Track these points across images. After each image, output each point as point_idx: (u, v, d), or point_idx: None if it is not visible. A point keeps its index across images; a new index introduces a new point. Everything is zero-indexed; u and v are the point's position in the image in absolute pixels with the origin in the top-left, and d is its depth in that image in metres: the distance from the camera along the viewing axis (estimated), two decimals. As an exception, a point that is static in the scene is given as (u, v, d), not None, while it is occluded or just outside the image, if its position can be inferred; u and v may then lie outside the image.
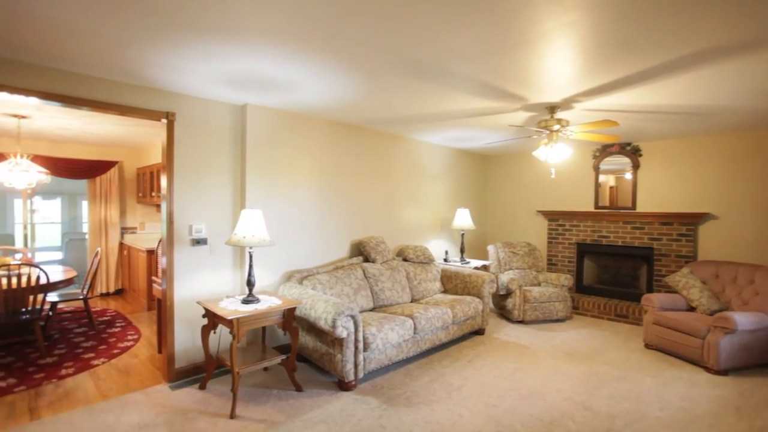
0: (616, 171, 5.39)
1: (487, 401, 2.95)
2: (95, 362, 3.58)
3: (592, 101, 3.24)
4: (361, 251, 4.44)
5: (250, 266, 3.06)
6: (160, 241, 3.58)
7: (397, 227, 5.03)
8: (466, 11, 1.83)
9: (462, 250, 5.55)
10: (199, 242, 3.35)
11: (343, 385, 3.11)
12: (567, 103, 3.31)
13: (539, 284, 5.30)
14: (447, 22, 1.93)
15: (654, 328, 4.00)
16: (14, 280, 3.60)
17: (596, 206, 5.51)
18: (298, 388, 3.08)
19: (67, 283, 4.10)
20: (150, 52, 2.37)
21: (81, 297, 4.45)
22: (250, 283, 3.06)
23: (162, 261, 3.25)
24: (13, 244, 7.98)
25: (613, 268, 5.55)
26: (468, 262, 5.40)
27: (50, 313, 4.28)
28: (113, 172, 6.28)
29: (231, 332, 2.72)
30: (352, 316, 3.03)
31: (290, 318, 3.04)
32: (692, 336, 3.64)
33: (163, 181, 3.20)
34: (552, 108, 3.38)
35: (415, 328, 3.55)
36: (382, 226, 4.83)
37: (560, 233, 5.82)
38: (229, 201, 3.54)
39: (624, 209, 5.24)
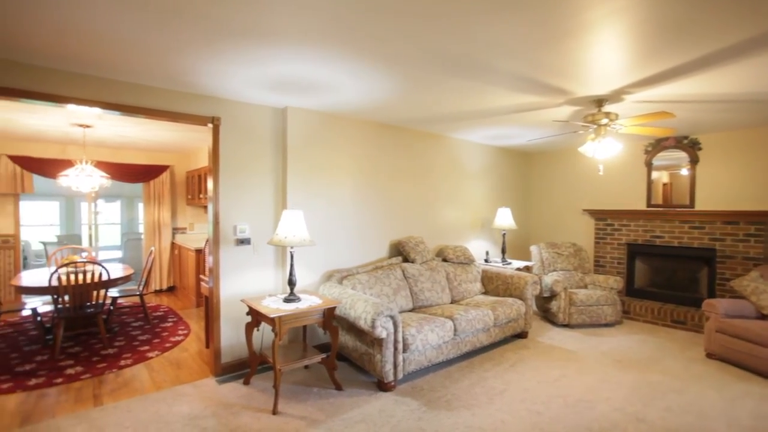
0: (670, 167, 5.04)
1: (532, 408, 2.84)
2: (150, 354, 3.80)
3: (645, 92, 3.04)
4: (400, 251, 4.43)
5: (291, 266, 3.13)
6: (207, 241, 3.74)
7: (436, 227, 4.97)
8: (507, 1, 1.77)
9: (503, 251, 5.40)
10: (243, 242, 3.47)
11: (383, 386, 3.11)
12: (616, 96, 3.12)
13: (586, 286, 5.06)
14: (487, 14, 1.88)
15: (717, 337, 3.69)
16: (80, 277, 3.89)
17: (648, 204, 5.18)
18: (338, 387, 3.12)
19: (125, 279, 4.38)
20: (197, 60, 2.48)
21: (137, 293, 4.75)
22: (291, 283, 3.13)
23: (209, 260, 3.39)
24: (80, 243, 8.65)
25: (667, 270, 5.19)
26: (509, 263, 5.25)
27: (111, 308, 4.60)
28: (165, 176, 6.65)
29: (273, 330, 2.80)
30: (392, 317, 3.03)
31: (330, 317, 3.08)
32: (764, 347, 3.32)
33: (210, 184, 3.35)
34: (599, 101, 3.21)
35: (455, 330, 3.49)
36: (422, 226, 4.79)
37: (608, 233, 5.52)
38: (271, 202, 3.64)
39: (680, 207, 4.89)
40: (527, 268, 5.26)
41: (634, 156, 5.31)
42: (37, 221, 8.67)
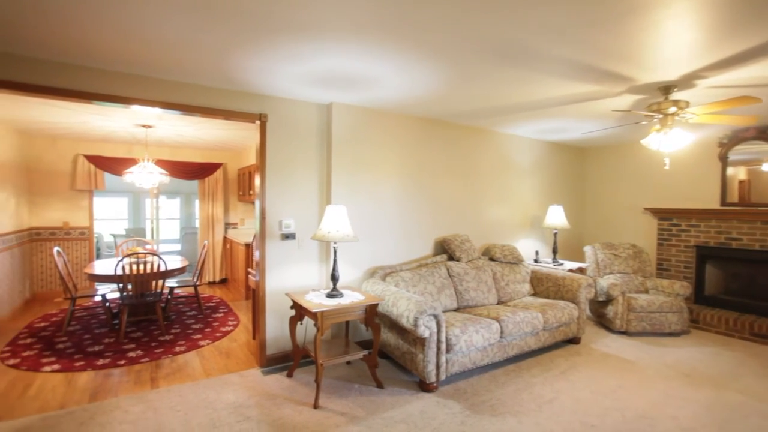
0: (749, 161, 4.52)
1: (584, 420, 2.65)
2: (202, 343, 3.98)
3: (722, 76, 2.72)
4: (445, 249, 4.32)
5: (335, 261, 3.14)
6: (254, 235, 3.86)
7: (483, 225, 4.80)
8: (563, -19, 1.63)
9: (554, 251, 5.12)
10: (288, 237, 3.53)
11: (424, 386, 3.03)
12: (687, 81, 2.83)
13: (646, 291, 4.67)
14: (540, -4, 1.75)
15: (806, 352, 3.25)
16: (141, 267, 4.15)
17: (723, 203, 4.68)
18: (379, 385, 3.08)
19: (180, 271, 4.63)
20: (245, 58, 2.54)
21: (192, 284, 5.01)
22: (334, 278, 3.14)
23: (255, 254, 3.49)
24: (144, 236, 9.32)
25: (746, 276, 4.67)
26: (561, 264, 4.96)
27: (169, 297, 4.88)
28: (219, 173, 6.97)
29: (315, 325, 2.82)
30: (435, 316, 2.94)
31: (372, 314, 3.05)
32: None
33: (257, 180, 3.43)
34: (667, 88, 2.92)
35: (501, 332, 3.34)
36: (467, 223, 4.65)
37: (674, 234, 5.06)
38: (315, 197, 3.68)
39: (764, 206, 4.36)
40: (580, 270, 4.95)
41: (705, 149, 4.83)
42: (109, 215, 9.43)
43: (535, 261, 5.12)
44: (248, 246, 5.57)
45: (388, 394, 2.97)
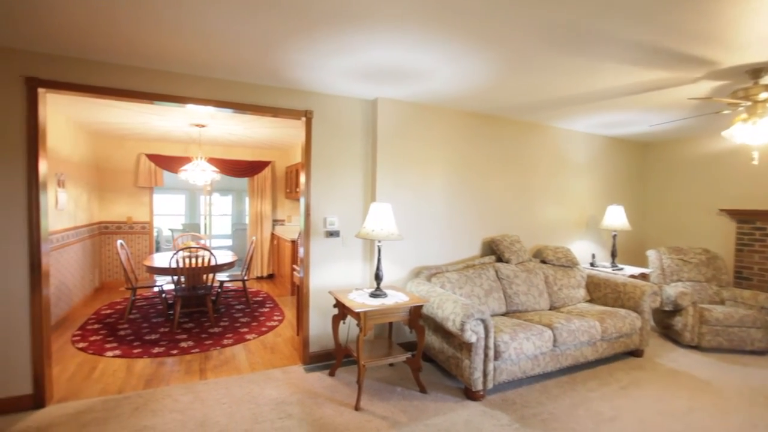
0: None
1: (651, 442, 2.39)
2: (248, 337, 4.07)
3: (828, 57, 2.34)
4: (493, 250, 4.12)
5: (378, 260, 3.07)
6: (300, 232, 3.88)
7: (534, 225, 4.54)
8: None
9: (613, 254, 4.74)
10: (332, 234, 3.51)
11: (470, 394, 2.89)
12: (782, 64, 2.46)
13: (722, 302, 4.19)
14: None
15: None
16: (192, 261, 4.32)
17: (820, 204, 4.09)
18: (422, 390, 2.98)
19: (229, 266, 4.77)
20: (291, 51, 2.51)
21: (241, 279, 5.16)
22: (378, 277, 3.07)
23: (300, 251, 3.50)
24: (199, 231, 9.81)
25: None
26: (621, 269, 4.58)
27: (219, 290, 5.06)
28: (267, 171, 7.16)
29: (358, 325, 2.76)
30: (483, 320, 2.79)
31: (416, 316, 2.95)
32: None
33: (302, 177, 3.44)
34: (756, 71, 2.56)
35: (554, 340, 3.11)
36: (517, 223, 4.41)
37: (757, 239, 4.50)
38: (360, 194, 3.63)
39: None
40: (643, 276, 4.54)
41: (798, 143, 4.24)
42: (167, 211, 10.02)
43: (592, 265, 4.77)
44: (294, 242, 5.65)
45: (431, 400, 2.86)
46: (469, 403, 2.83)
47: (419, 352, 3.00)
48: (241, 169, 6.92)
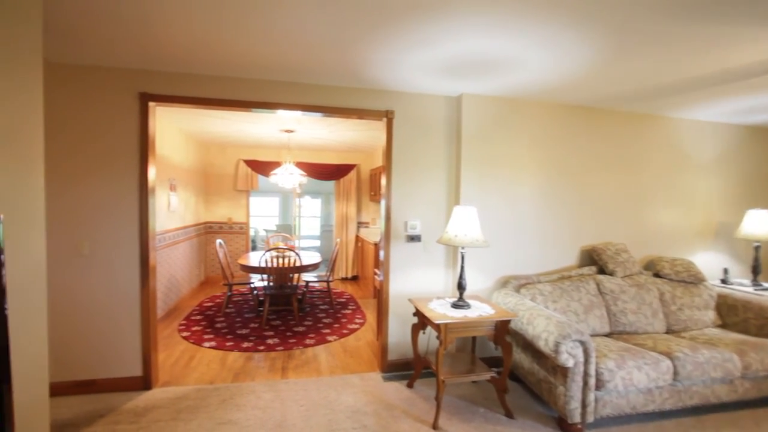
0: None
1: None
2: (329, 338, 4.11)
3: None
4: (594, 260, 3.63)
5: (462, 268, 2.85)
6: (381, 236, 3.82)
7: (644, 232, 3.91)
8: None
9: (755, 270, 3.87)
10: (413, 238, 3.38)
11: (565, 426, 2.52)
12: None
13: None
14: None
15: None
16: (280, 261, 4.51)
17: None
18: (509, 414, 2.68)
19: (314, 266, 4.90)
20: (370, 50, 2.43)
21: (325, 279, 5.28)
22: (461, 287, 2.85)
23: (381, 254, 3.42)
24: (290, 232, 10.43)
25: None
26: (766, 288, 3.72)
27: (304, 290, 5.24)
28: (353, 174, 7.30)
29: (438, 337, 2.57)
30: (582, 342, 2.42)
31: (503, 331, 2.67)
32: None
33: (383, 179, 3.36)
34: None
35: (675, 373, 2.59)
36: (623, 230, 3.83)
37: None
38: (443, 198, 3.44)
39: None
40: (800, 299, 3.63)
41: None
42: (263, 213, 10.81)
43: (723, 282, 3.95)
44: (376, 245, 5.64)
45: (518, 427, 2.55)
46: (564, 436, 2.47)
47: (505, 371, 2.71)
48: (327, 172, 7.14)
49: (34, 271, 1.59)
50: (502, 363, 2.73)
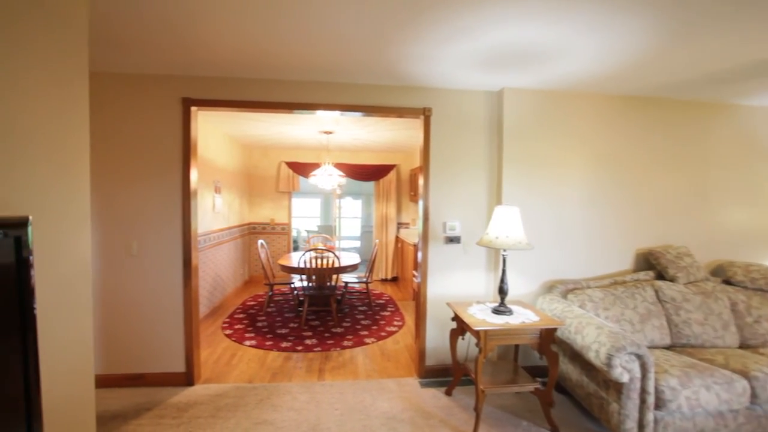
0: None
1: None
2: (367, 341, 4.07)
3: None
4: (651, 264, 3.33)
5: (503, 271, 2.69)
6: (419, 237, 3.72)
7: (711, 234, 3.52)
8: None
9: None
10: (452, 240, 3.25)
11: (620, 446, 2.30)
12: None
13: None
14: None
15: None
16: (318, 262, 4.53)
17: None
18: (554, 429, 2.49)
19: (353, 268, 4.87)
20: (405, 44, 2.35)
21: (365, 281, 5.25)
22: (502, 291, 2.70)
23: (418, 256, 3.32)
24: (331, 233, 10.56)
25: None
26: None
27: (343, 291, 5.24)
28: (392, 174, 7.24)
29: (478, 345, 2.44)
30: (639, 356, 2.19)
31: (549, 340, 2.49)
32: None
33: (420, 179, 3.26)
34: None
35: (753, 395, 2.29)
36: (685, 231, 3.47)
37: None
38: (483, 198, 3.29)
39: None
40: None
41: None
42: (305, 214, 11.02)
43: (809, 291, 3.48)
44: (416, 246, 5.54)
45: (566, 445, 2.37)
46: (618, 457, 2.25)
47: (551, 383, 2.52)
48: (366, 173, 7.13)
49: (80, 269, 1.65)
50: (548, 373, 2.55)
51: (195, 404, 2.75)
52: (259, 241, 5.07)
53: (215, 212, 5.11)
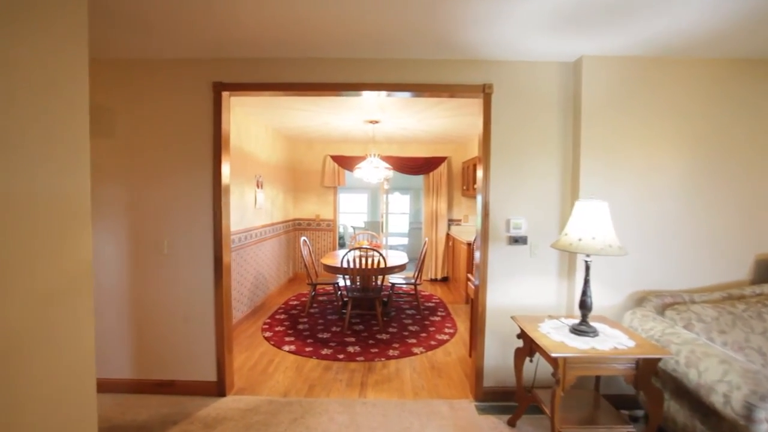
0: None
1: None
2: (415, 350, 3.65)
3: None
4: (778, 275, 2.61)
5: (586, 282, 2.16)
6: (476, 235, 3.24)
7: None
8: None
9: None
10: (517, 240, 2.75)
11: None
12: None
13: None
14: None
15: None
16: (363, 261, 4.17)
17: None
18: (659, 489, 1.94)
19: (400, 268, 4.47)
20: (455, 5, 1.89)
21: (413, 282, 4.83)
22: (584, 306, 2.16)
23: (476, 257, 2.85)
24: (378, 229, 10.24)
25: None
26: None
27: (390, 293, 4.85)
28: (443, 167, 6.73)
29: (555, 375, 1.94)
30: (788, 406, 1.59)
31: (649, 372, 1.93)
32: None
33: (479, 171, 2.78)
34: None
35: None
36: (824, 234, 2.71)
37: None
38: (555, 192, 2.75)
39: None
40: None
41: None
42: (351, 209, 10.78)
43: None
44: (470, 245, 5.03)
45: None
46: None
47: (652, 428, 1.96)
48: (415, 166, 6.69)
49: (81, 269, 1.40)
50: (637, 404, 1.99)
51: (224, 420, 2.48)
52: (302, 239, 4.82)
53: (257, 208, 4.92)
